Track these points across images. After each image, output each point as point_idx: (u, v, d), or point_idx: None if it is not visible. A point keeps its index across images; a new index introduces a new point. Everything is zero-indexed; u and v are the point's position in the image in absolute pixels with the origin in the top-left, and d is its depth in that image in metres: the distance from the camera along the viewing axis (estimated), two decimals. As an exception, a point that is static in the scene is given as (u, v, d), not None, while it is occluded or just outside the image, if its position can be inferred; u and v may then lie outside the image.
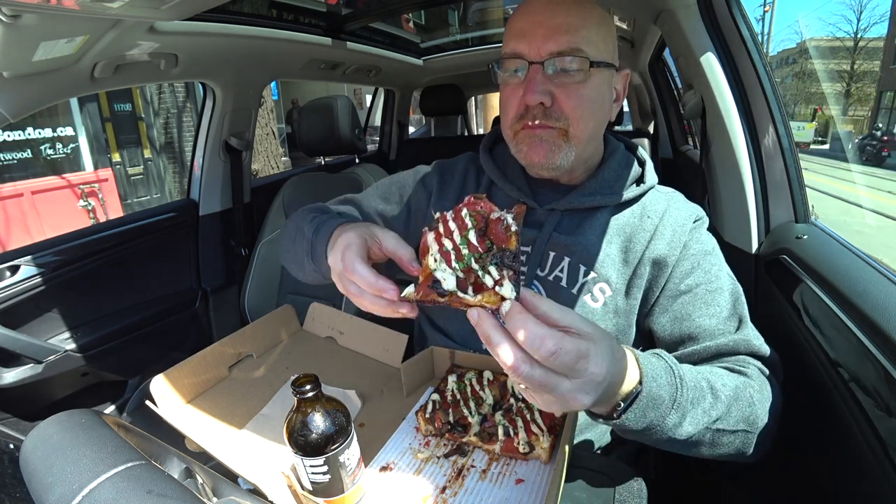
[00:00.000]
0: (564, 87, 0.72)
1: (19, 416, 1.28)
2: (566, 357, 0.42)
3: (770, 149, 1.05)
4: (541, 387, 0.43)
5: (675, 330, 0.75)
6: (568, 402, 0.45)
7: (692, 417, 0.57)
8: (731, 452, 0.63)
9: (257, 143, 5.40)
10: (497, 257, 0.44)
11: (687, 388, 0.57)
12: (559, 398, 0.45)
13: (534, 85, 0.71)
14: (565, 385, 0.44)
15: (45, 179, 5.27)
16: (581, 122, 0.74)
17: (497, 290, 0.44)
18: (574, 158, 0.77)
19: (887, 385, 0.57)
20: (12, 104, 1.08)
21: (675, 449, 0.61)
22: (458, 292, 0.45)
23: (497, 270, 0.44)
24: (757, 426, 0.63)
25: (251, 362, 0.91)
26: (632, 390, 0.52)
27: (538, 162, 0.76)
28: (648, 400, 0.53)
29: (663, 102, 2.38)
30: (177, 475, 0.50)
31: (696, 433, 0.58)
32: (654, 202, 0.82)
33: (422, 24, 2.89)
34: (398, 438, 0.72)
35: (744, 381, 0.65)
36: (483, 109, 6.57)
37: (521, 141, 0.77)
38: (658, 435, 0.55)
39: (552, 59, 0.71)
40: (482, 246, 0.44)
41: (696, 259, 0.77)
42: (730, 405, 0.61)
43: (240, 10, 1.44)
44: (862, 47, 27.61)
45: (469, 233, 0.45)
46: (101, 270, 1.52)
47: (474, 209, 0.45)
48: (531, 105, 0.72)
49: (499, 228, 0.44)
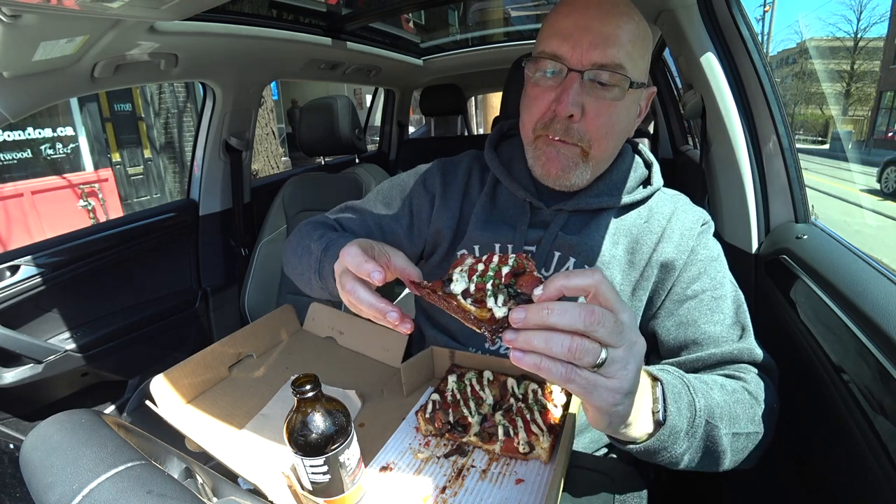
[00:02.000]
0: (597, 102, 0.69)
1: (19, 416, 1.28)
2: (609, 319, 0.41)
3: (770, 149, 1.05)
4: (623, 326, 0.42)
5: (679, 334, 0.75)
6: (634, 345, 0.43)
7: (712, 400, 0.58)
8: (745, 457, 0.63)
9: (257, 143, 5.40)
10: (513, 291, 0.45)
11: (691, 380, 0.58)
12: (629, 341, 0.43)
13: (569, 95, 0.68)
14: (619, 353, 0.42)
15: (46, 179, 5.27)
16: (603, 142, 0.73)
17: (489, 306, 0.45)
18: (589, 177, 0.76)
19: (887, 385, 0.57)
20: (12, 104, 1.08)
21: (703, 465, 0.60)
22: (459, 295, 0.47)
23: (504, 301, 0.45)
24: (762, 426, 0.63)
25: (251, 362, 0.91)
26: (653, 386, 0.54)
27: (553, 175, 0.75)
28: (670, 388, 0.54)
29: (663, 102, 2.38)
30: (177, 475, 0.50)
31: (724, 437, 0.58)
32: (660, 204, 0.82)
33: (422, 24, 2.90)
34: (398, 438, 0.72)
35: (740, 385, 0.66)
36: (483, 109, 6.57)
37: (539, 149, 0.76)
38: (698, 428, 0.56)
39: (593, 71, 0.68)
40: (506, 280, 0.45)
41: (703, 265, 0.76)
42: (733, 406, 0.61)
43: (240, 10, 1.44)
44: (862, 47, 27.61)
45: (504, 267, 0.46)
46: (101, 270, 1.52)
47: (521, 258, 0.47)
48: (561, 115, 0.70)
49: (530, 282, 0.45)
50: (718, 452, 0.59)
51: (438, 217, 0.87)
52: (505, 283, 0.45)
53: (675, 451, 0.55)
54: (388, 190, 0.94)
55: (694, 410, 0.56)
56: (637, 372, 0.44)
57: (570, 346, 0.40)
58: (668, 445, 0.54)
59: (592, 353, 0.41)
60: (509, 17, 2.59)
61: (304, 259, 0.79)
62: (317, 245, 0.76)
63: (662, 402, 0.54)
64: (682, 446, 0.55)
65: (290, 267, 0.87)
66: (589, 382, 0.42)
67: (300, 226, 0.90)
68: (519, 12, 2.53)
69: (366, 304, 0.54)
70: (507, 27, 2.62)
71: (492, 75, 2.96)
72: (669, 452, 0.55)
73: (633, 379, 0.44)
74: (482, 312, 0.45)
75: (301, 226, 0.89)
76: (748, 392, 0.65)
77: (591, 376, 0.42)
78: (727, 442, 0.59)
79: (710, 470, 0.62)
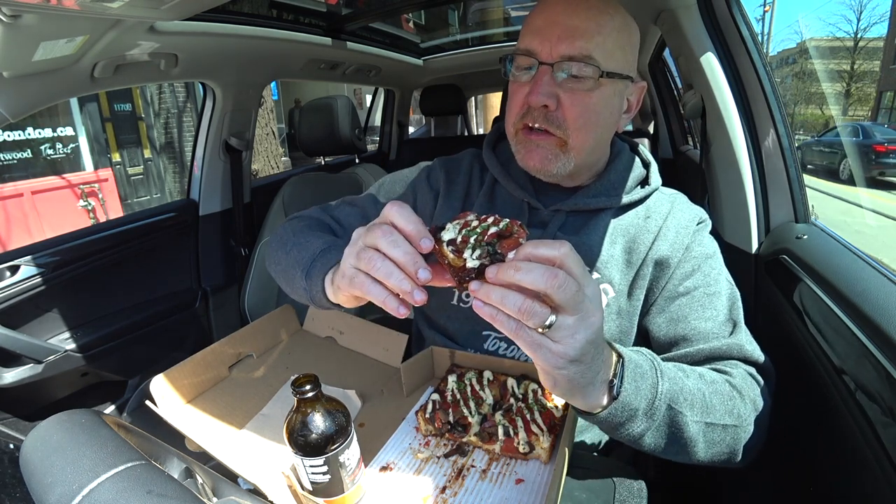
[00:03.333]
0: (571, 94, 0.71)
1: (19, 416, 1.28)
2: (572, 286, 0.44)
3: (770, 149, 1.05)
4: (575, 294, 0.44)
5: (669, 331, 0.75)
6: (590, 316, 0.46)
7: (682, 388, 0.58)
8: (725, 451, 0.63)
9: (257, 143, 5.40)
10: (491, 249, 0.47)
11: (662, 363, 0.59)
12: (584, 312, 0.46)
13: (539, 86, 0.70)
14: (589, 289, 0.46)
15: (46, 179, 5.26)
16: (581, 133, 0.73)
17: (464, 256, 0.47)
18: (573, 167, 0.77)
19: (887, 385, 0.57)
20: (12, 104, 1.08)
21: (674, 452, 0.61)
22: (445, 243, 0.49)
23: (480, 256, 0.47)
24: (744, 422, 0.63)
25: (251, 362, 0.91)
26: (616, 362, 0.55)
27: (533, 167, 0.77)
28: (633, 367, 0.55)
29: (663, 102, 2.38)
30: (177, 475, 0.50)
31: (692, 424, 0.58)
32: (658, 204, 0.82)
33: (422, 24, 2.90)
34: (398, 438, 0.72)
35: (722, 378, 0.66)
36: (483, 109, 6.57)
37: (520, 142, 0.77)
38: (658, 412, 0.56)
39: (562, 63, 0.70)
40: (489, 238, 0.47)
41: (696, 262, 0.77)
42: (711, 396, 0.61)
43: (240, 10, 1.44)
44: (862, 47, 27.60)
45: (493, 228, 0.48)
46: (102, 270, 1.52)
47: (514, 224, 0.49)
48: (534, 106, 0.72)
49: (511, 245, 0.47)
50: (685, 440, 0.59)
51: (441, 215, 0.87)
52: (487, 241, 0.47)
53: (633, 430, 0.56)
54: (390, 184, 0.94)
55: (655, 392, 0.56)
56: (586, 343, 0.47)
57: (521, 306, 0.44)
58: (623, 422, 0.55)
59: (539, 316, 0.44)
60: (509, 17, 2.60)
61: (293, 254, 0.74)
62: (316, 243, 0.72)
63: (620, 378, 0.54)
64: (639, 426, 0.56)
65: (273, 261, 0.81)
66: (534, 341, 0.46)
67: (291, 219, 0.85)
68: (519, 12, 2.53)
69: (402, 256, 0.48)
70: (507, 27, 2.62)
71: (492, 75, 2.97)
72: (627, 430, 0.56)
73: (581, 348, 0.46)
74: (457, 260, 0.48)
75: (293, 220, 0.84)
76: (731, 385, 0.65)
77: (537, 336, 0.46)
78: (695, 430, 0.59)
79: (683, 459, 0.62)
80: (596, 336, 0.48)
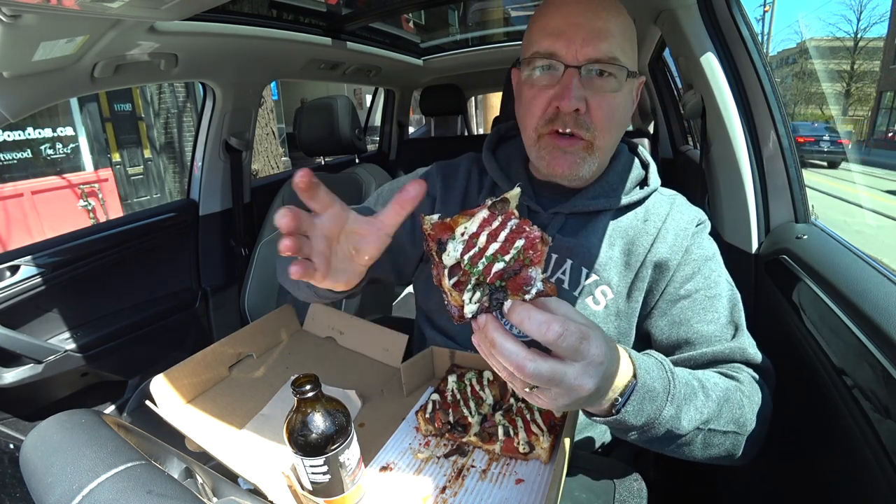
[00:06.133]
0: (598, 95, 0.71)
1: (19, 416, 1.28)
2: (571, 338, 0.44)
3: (770, 149, 1.05)
4: (549, 380, 0.44)
5: (672, 334, 0.75)
6: (573, 390, 0.46)
7: (687, 413, 0.57)
8: (721, 454, 0.63)
9: (257, 143, 5.39)
10: (492, 289, 0.46)
11: (679, 383, 0.57)
12: (565, 388, 0.45)
13: (571, 90, 0.69)
14: (571, 371, 0.45)
15: (45, 179, 5.26)
16: (607, 133, 0.74)
17: (463, 298, 0.46)
18: (596, 168, 0.77)
19: (887, 385, 0.57)
20: (12, 104, 1.08)
21: (668, 450, 0.61)
22: (446, 270, 0.47)
23: (479, 298, 0.46)
24: (746, 429, 0.63)
25: (251, 362, 0.91)
26: (627, 383, 0.53)
27: (561, 173, 0.76)
28: (644, 392, 0.54)
29: (663, 102, 2.38)
30: (177, 475, 0.50)
31: (690, 432, 0.58)
32: (657, 205, 0.82)
33: (422, 24, 2.90)
34: (398, 438, 0.72)
35: (734, 385, 0.65)
36: (483, 109, 6.57)
37: (544, 148, 0.76)
38: (655, 431, 0.56)
39: (589, 65, 0.70)
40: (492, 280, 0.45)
41: (696, 264, 0.76)
42: (720, 405, 0.61)
43: (240, 10, 1.44)
44: (862, 47, 27.60)
45: (498, 263, 0.45)
46: (101, 270, 1.52)
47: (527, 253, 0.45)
48: (565, 111, 0.71)
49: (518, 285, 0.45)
50: (681, 443, 0.59)
51: None
52: (489, 281, 0.45)
53: (628, 435, 0.57)
54: (388, 193, 0.94)
55: (657, 416, 0.55)
56: (571, 403, 0.48)
57: (504, 373, 0.47)
58: (618, 430, 0.57)
59: (519, 385, 0.48)
60: (509, 17, 2.60)
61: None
62: None
63: (626, 399, 0.53)
64: (633, 435, 0.57)
65: (281, 266, 0.82)
66: (520, 390, 0.49)
67: None
68: (519, 12, 2.53)
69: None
70: (507, 27, 2.62)
71: (492, 75, 2.96)
72: (622, 433, 0.58)
73: (565, 406, 0.48)
74: (457, 298, 0.47)
75: None
76: (741, 393, 0.65)
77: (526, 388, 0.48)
78: (694, 436, 0.59)
79: (679, 456, 0.63)
80: (586, 395, 0.47)
